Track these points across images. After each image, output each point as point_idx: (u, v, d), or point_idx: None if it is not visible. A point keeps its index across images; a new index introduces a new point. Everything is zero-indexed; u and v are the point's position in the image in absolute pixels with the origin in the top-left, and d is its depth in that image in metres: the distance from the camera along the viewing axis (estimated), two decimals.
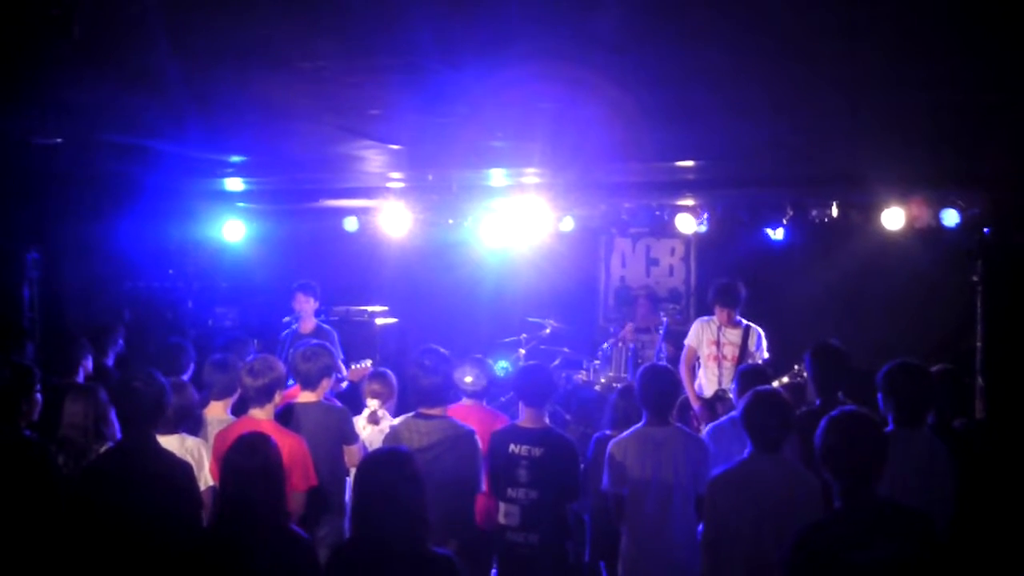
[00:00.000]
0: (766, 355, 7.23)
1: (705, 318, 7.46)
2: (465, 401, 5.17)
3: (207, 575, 3.39)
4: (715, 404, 6.91)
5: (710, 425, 5.59)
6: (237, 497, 3.41)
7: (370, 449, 5.00)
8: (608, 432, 5.33)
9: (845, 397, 5.13)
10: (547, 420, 4.96)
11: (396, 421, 4.83)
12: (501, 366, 5.25)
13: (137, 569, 3.80)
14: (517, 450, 4.78)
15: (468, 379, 5.12)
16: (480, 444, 4.72)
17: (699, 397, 7.28)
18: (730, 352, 7.20)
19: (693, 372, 7.43)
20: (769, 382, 5.47)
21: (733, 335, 7.24)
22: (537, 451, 4.75)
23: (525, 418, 4.91)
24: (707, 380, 7.28)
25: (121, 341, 6.57)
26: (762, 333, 7.27)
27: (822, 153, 6.42)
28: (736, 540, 4.04)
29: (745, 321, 7.30)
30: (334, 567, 3.29)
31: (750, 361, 7.09)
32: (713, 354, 7.26)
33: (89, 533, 3.90)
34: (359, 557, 3.20)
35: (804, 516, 3.57)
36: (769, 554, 3.82)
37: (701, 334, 7.37)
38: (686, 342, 7.52)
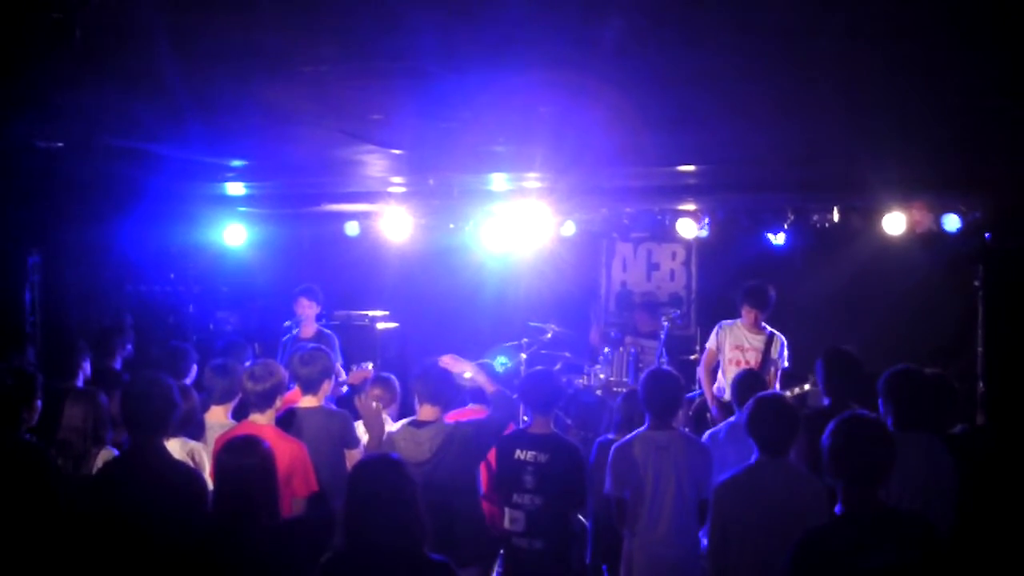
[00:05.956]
0: (787, 364, 7.19)
1: (729, 321, 7.40)
2: (471, 406, 5.17)
3: (200, 574, 3.40)
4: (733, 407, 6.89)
5: (708, 432, 5.58)
6: (229, 496, 3.44)
7: None
8: (611, 436, 5.32)
9: (856, 405, 5.10)
10: (553, 426, 4.96)
11: (394, 428, 4.81)
12: (500, 362, 5.25)
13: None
14: (523, 456, 4.77)
15: (467, 374, 5.10)
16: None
17: (718, 400, 7.25)
18: (752, 357, 7.15)
19: (713, 375, 7.37)
20: (766, 387, 5.45)
21: (757, 341, 7.21)
22: (543, 457, 4.75)
23: (531, 424, 4.91)
24: (728, 384, 7.24)
25: (130, 345, 6.56)
26: (785, 342, 7.22)
27: (823, 158, 6.41)
28: (741, 545, 4.04)
29: (770, 328, 7.26)
30: (327, 573, 3.26)
31: (774, 369, 7.07)
32: (736, 358, 7.20)
33: (97, 541, 3.83)
34: (352, 563, 3.17)
35: (809, 521, 3.56)
36: (774, 559, 3.80)
37: (724, 337, 7.32)
38: (707, 344, 7.47)
